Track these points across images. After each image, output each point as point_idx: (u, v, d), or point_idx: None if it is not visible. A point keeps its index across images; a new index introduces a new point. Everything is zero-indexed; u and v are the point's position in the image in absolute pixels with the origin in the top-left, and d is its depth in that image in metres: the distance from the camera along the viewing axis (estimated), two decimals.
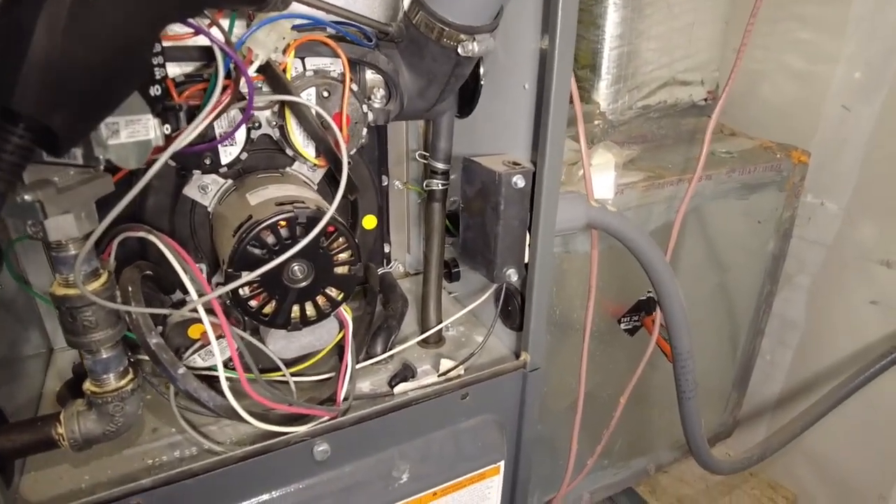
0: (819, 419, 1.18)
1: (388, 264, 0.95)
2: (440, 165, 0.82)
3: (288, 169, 0.73)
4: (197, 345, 0.67)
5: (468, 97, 0.80)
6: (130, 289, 0.57)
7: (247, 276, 0.55)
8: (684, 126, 1.35)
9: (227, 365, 0.60)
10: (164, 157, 0.49)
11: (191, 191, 0.69)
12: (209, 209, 0.71)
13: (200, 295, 0.57)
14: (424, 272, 0.85)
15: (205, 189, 0.69)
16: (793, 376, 1.50)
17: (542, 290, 0.73)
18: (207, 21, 0.54)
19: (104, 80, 0.38)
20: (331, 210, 0.57)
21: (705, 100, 1.38)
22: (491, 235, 0.70)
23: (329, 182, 0.75)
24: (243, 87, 0.57)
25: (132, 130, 0.47)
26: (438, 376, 0.74)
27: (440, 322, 0.83)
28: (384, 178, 0.89)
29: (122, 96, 0.42)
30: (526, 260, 0.72)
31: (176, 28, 0.55)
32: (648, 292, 1.19)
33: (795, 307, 1.46)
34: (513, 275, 0.72)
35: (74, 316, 0.53)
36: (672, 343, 0.89)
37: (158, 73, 0.51)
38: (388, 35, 0.68)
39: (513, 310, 0.78)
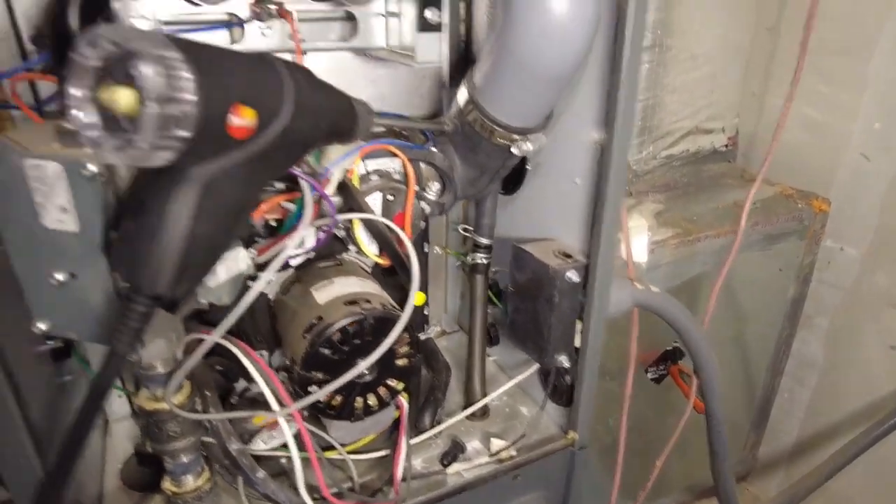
0: (845, 466, 1.20)
1: (427, 327, 0.97)
2: (484, 240, 0.85)
3: (345, 255, 0.75)
4: (262, 432, 0.70)
5: (513, 178, 0.82)
6: (209, 394, 0.59)
7: (326, 388, 0.58)
8: (706, 173, 1.38)
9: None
10: (258, 286, 0.51)
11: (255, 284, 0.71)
12: (270, 297, 0.73)
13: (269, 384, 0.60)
14: (469, 344, 0.87)
15: (268, 281, 0.71)
16: (811, 416, 1.52)
17: (592, 372, 0.76)
18: None
19: (221, 247, 0.41)
20: (403, 319, 0.59)
21: (726, 146, 1.41)
22: (544, 325, 0.72)
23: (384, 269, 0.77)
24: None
25: (227, 267, 0.49)
26: (490, 456, 0.76)
27: (485, 395, 0.86)
28: (425, 245, 0.92)
29: (228, 250, 0.44)
30: (577, 344, 0.75)
31: None
32: (675, 343, 1.22)
33: (813, 348, 1.49)
34: (564, 361, 0.74)
35: (161, 427, 0.56)
36: (708, 409, 0.92)
37: None
38: (444, 133, 0.71)
39: (559, 386, 0.80)
